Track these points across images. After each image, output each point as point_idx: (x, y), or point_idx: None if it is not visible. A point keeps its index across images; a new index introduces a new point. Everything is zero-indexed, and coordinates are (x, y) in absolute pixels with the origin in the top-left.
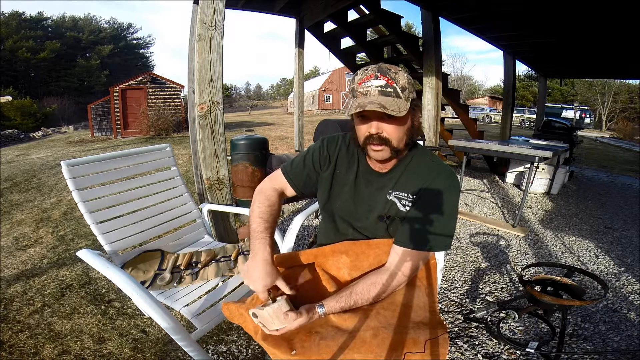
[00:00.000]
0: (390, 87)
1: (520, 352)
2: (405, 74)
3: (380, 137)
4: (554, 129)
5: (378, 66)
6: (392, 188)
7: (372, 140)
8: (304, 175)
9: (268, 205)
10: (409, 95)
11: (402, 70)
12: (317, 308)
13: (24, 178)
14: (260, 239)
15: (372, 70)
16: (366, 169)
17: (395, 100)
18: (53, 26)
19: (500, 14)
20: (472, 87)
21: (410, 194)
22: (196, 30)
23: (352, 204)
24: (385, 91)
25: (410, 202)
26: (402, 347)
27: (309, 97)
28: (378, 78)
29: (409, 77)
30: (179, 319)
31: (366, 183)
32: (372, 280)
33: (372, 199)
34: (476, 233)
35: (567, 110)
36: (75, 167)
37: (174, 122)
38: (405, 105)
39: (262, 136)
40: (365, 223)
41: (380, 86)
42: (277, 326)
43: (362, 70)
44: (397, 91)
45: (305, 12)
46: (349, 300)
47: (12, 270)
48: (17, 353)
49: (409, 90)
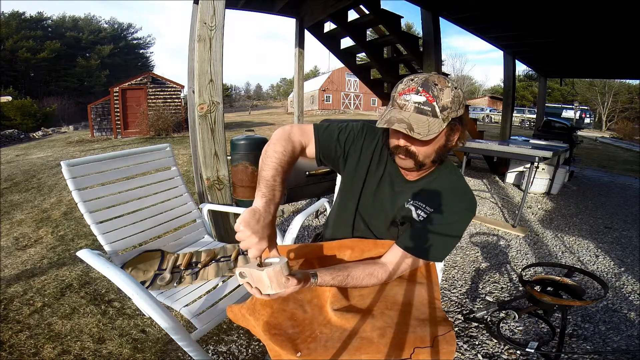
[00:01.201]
0: (429, 105)
1: (520, 352)
2: (452, 91)
3: (407, 150)
4: (554, 129)
5: (424, 79)
6: (412, 197)
7: (399, 152)
8: (331, 145)
9: (290, 156)
10: (449, 114)
11: (451, 87)
12: (310, 277)
13: (24, 178)
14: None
15: (416, 83)
16: (394, 171)
17: (427, 119)
18: (53, 26)
19: (500, 14)
20: (472, 87)
21: (429, 206)
22: (196, 30)
23: (372, 200)
24: (421, 109)
25: (425, 213)
26: (410, 345)
27: (309, 97)
28: (419, 93)
29: (456, 95)
30: (179, 319)
31: (390, 184)
32: (370, 270)
33: (391, 201)
34: (476, 233)
35: (567, 110)
36: (75, 167)
37: (174, 122)
38: (439, 126)
39: (262, 136)
40: (378, 222)
41: (418, 102)
42: (273, 290)
43: (407, 80)
44: (434, 110)
45: (305, 12)
46: (343, 281)
47: (12, 270)
48: (17, 353)
49: (451, 110)
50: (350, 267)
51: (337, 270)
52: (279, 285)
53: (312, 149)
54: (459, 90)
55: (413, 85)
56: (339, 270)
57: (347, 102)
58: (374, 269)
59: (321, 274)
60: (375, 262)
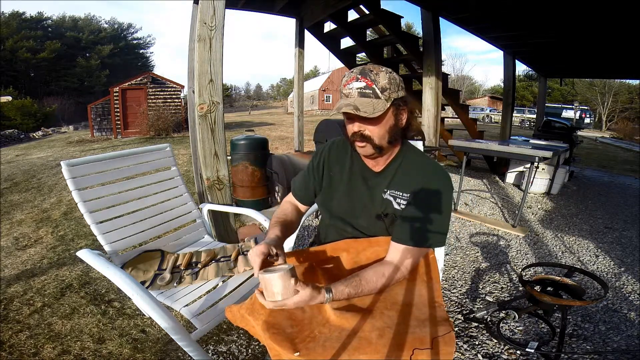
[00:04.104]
0: (370, 88)
1: (520, 352)
2: (387, 74)
3: (362, 134)
4: (554, 129)
5: (362, 68)
6: (387, 187)
7: (356, 137)
8: (306, 186)
9: (281, 210)
10: (390, 95)
11: (385, 70)
12: (323, 292)
13: (24, 178)
14: (269, 230)
15: (355, 73)
16: (362, 167)
17: (372, 101)
18: (53, 26)
19: (500, 14)
20: (472, 87)
21: (405, 192)
22: (196, 30)
23: (348, 201)
24: (364, 92)
25: (405, 200)
26: (409, 345)
27: (309, 97)
28: (359, 80)
29: (391, 77)
30: (179, 319)
31: (362, 181)
32: (381, 271)
33: (368, 197)
34: (476, 233)
35: (567, 110)
36: (75, 167)
37: (174, 122)
38: (382, 105)
39: (262, 136)
40: (365, 221)
41: (359, 88)
42: (279, 297)
43: (348, 73)
44: (375, 92)
45: (305, 12)
46: (358, 287)
47: (12, 270)
48: (17, 353)
49: (391, 90)
50: (360, 272)
51: (349, 278)
52: (286, 292)
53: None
54: (393, 74)
55: (353, 75)
56: (351, 278)
57: None
58: (383, 269)
59: (334, 286)
60: (382, 263)
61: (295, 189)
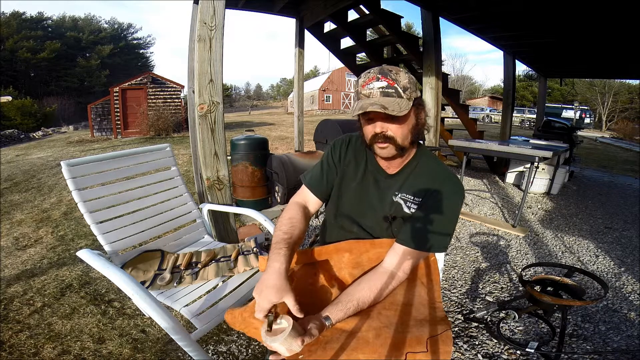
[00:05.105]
0: (392, 87)
1: (520, 352)
2: (406, 74)
3: (385, 135)
4: (554, 129)
5: (380, 68)
6: (398, 190)
7: (378, 139)
8: (323, 179)
9: (288, 218)
10: (411, 94)
11: (403, 70)
12: (325, 322)
13: (24, 178)
14: (275, 250)
15: (374, 73)
16: (375, 168)
17: (396, 100)
18: (53, 26)
19: (500, 14)
20: (472, 87)
21: (417, 196)
22: (196, 30)
23: (358, 201)
24: (386, 92)
25: (415, 204)
26: (405, 345)
27: (309, 97)
28: (380, 80)
29: (410, 77)
30: (179, 319)
31: (374, 182)
32: (375, 285)
33: (377, 198)
34: (476, 233)
35: (567, 110)
36: (75, 167)
37: (174, 122)
38: (406, 105)
39: (262, 136)
40: (371, 222)
41: (381, 87)
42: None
43: (365, 73)
44: (398, 91)
45: (305, 12)
46: (356, 308)
47: (12, 270)
48: (17, 353)
49: (411, 90)
50: (354, 291)
51: (344, 301)
52: (296, 347)
53: (312, 196)
54: (409, 74)
55: (372, 75)
56: (346, 301)
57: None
58: (376, 283)
59: (332, 314)
60: (376, 275)
61: (312, 183)
